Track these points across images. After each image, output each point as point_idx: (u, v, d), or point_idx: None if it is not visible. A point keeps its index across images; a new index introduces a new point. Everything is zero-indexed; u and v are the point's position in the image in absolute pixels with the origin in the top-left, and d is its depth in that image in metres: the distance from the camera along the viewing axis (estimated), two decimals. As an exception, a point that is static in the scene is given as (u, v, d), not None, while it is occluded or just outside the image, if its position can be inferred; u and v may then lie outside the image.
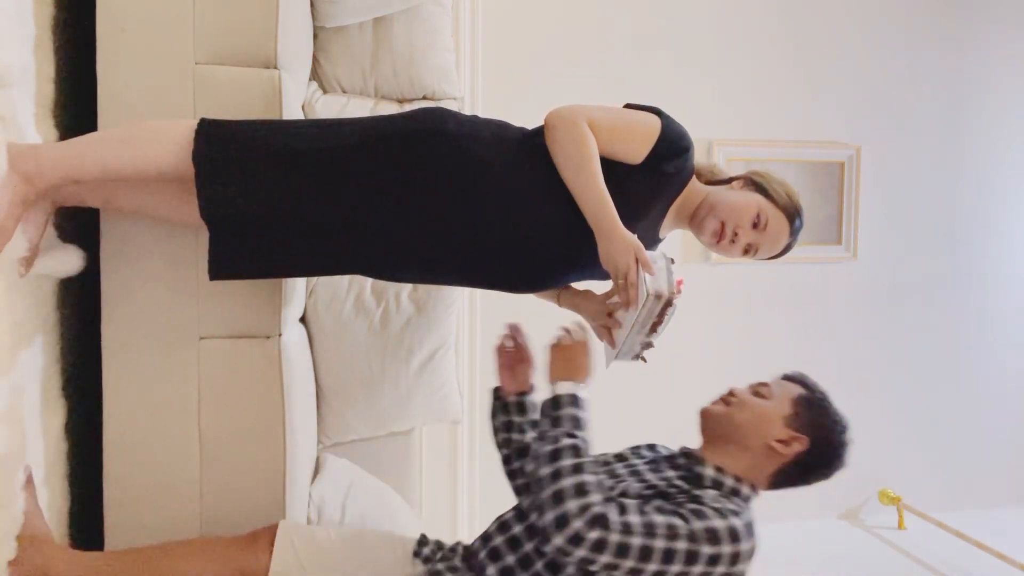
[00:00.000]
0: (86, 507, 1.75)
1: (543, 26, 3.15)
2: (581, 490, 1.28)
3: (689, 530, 1.28)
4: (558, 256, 1.57)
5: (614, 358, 1.61)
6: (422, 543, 1.60)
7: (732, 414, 1.49)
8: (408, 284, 2.22)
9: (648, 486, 1.44)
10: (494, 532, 1.50)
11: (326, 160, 1.45)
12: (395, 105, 2.38)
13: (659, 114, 1.57)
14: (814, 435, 1.45)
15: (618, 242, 1.44)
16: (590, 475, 1.31)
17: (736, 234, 1.58)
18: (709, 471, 1.45)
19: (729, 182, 1.66)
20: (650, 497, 1.40)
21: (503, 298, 1.78)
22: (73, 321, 1.72)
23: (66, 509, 1.68)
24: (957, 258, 3.68)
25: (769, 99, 3.38)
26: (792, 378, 1.55)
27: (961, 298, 3.70)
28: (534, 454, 1.38)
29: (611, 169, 1.51)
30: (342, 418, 2.28)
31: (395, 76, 2.37)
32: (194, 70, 1.64)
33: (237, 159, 1.43)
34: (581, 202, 1.47)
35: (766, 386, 1.52)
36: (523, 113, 1.88)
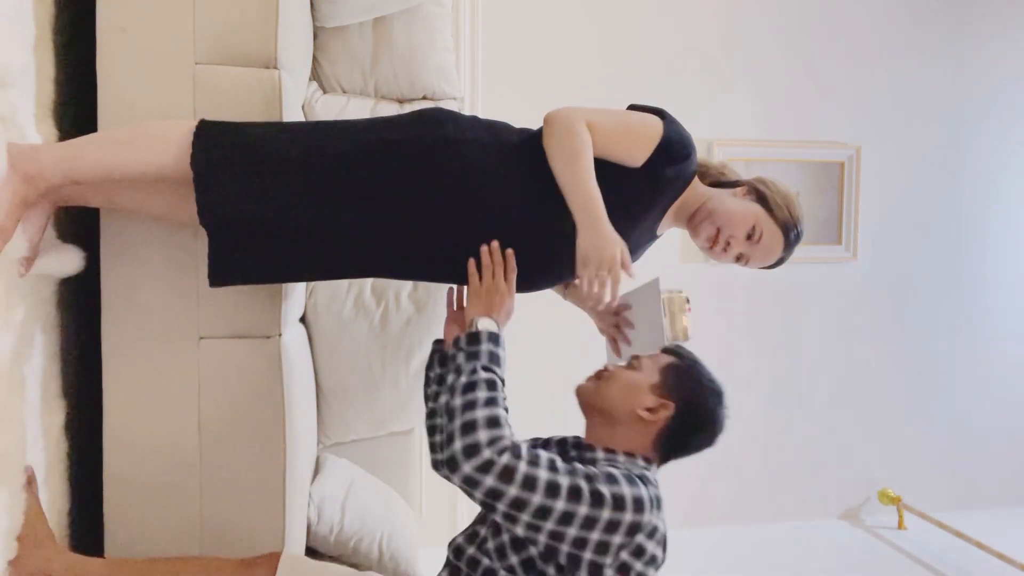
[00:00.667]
0: (86, 507, 1.75)
1: (543, 26, 3.15)
2: (494, 422, 1.27)
3: (595, 487, 1.26)
4: (557, 258, 1.57)
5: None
6: None
7: (600, 388, 1.49)
8: (408, 283, 2.23)
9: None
10: (453, 560, 1.46)
11: (324, 165, 1.44)
12: (395, 105, 2.38)
13: (663, 116, 1.56)
14: (681, 400, 1.44)
15: (605, 236, 1.42)
16: (503, 410, 1.31)
17: (729, 243, 1.58)
18: (600, 455, 1.44)
19: (733, 187, 1.65)
20: None
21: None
22: (73, 321, 1.72)
23: (66, 509, 1.68)
24: (957, 258, 3.68)
25: (769, 99, 3.38)
26: (667, 350, 1.55)
27: (961, 298, 3.70)
28: (449, 386, 1.35)
29: (609, 172, 1.50)
30: (342, 418, 2.29)
31: (395, 76, 2.37)
32: (194, 70, 1.64)
33: (236, 164, 1.42)
34: (568, 194, 1.45)
35: (638, 359, 1.52)
36: (523, 113, 1.88)
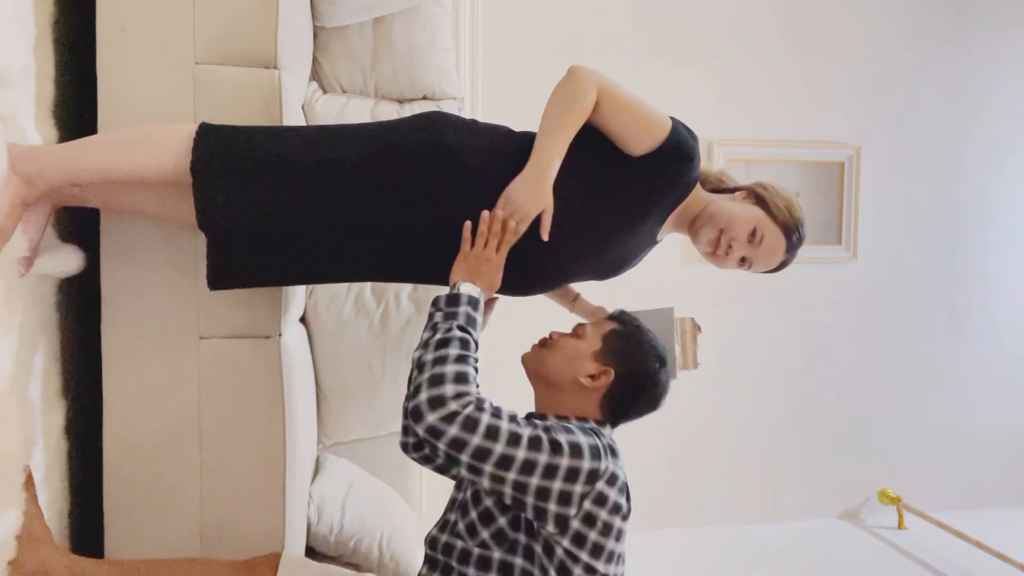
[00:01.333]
0: (86, 507, 1.74)
1: (543, 26, 3.15)
2: (462, 378, 1.28)
3: (553, 436, 1.29)
4: (555, 262, 1.56)
5: None
6: None
7: (544, 355, 1.50)
8: (408, 284, 2.23)
9: None
10: (430, 552, 1.46)
11: (324, 171, 1.44)
12: (395, 105, 2.38)
13: (673, 120, 1.54)
14: (621, 366, 1.46)
15: (540, 191, 1.44)
16: (472, 369, 1.32)
17: (731, 246, 1.58)
18: (552, 422, 1.44)
19: (733, 192, 1.65)
20: None
21: (503, 299, 1.78)
22: (73, 321, 1.72)
23: (66, 509, 1.67)
24: (957, 258, 3.68)
25: (769, 99, 3.38)
26: (611, 316, 1.56)
27: (961, 298, 3.70)
28: (423, 342, 1.37)
29: (612, 160, 1.50)
30: (342, 418, 2.29)
31: (395, 76, 2.37)
32: (194, 70, 1.64)
33: (235, 170, 1.42)
34: (538, 140, 1.46)
35: (583, 327, 1.53)
36: (523, 113, 1.88)
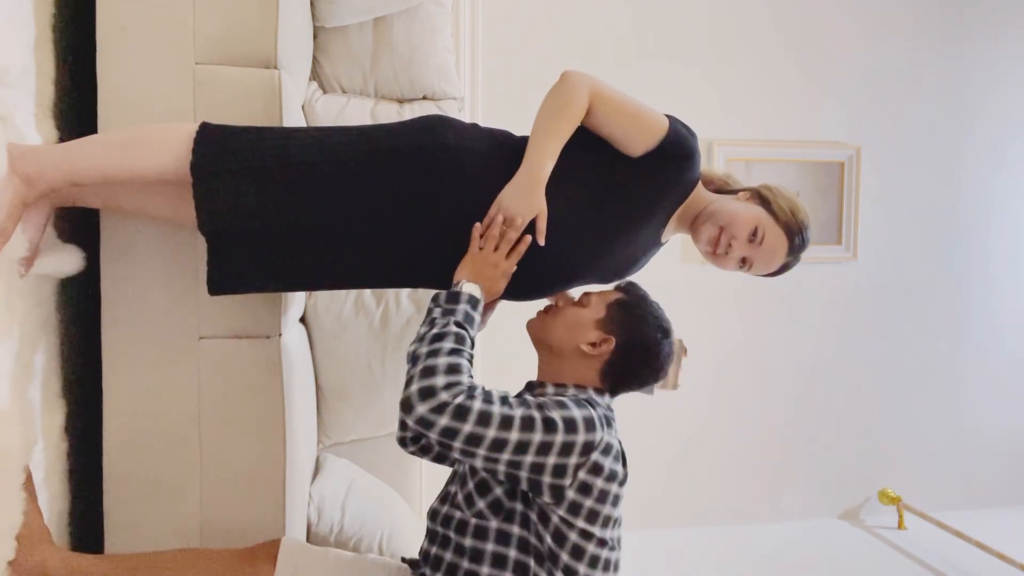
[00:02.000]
0: (86, 507, 1.74)
1: (543, 26, 3.15)
2: (454, 369, 1.30)
3: (546, 415, 1.31)
4: (554, 268, 1.56)
5: None
6: (413, 565, 1.57)
7: (547, 322, 1.53)
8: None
9: None
10: (431, 525, 1.50)
11: (325, 173, 1.44)
12: (395, 105, 2.38)
13: (669, 118, 1.54)
14: (624, 334, 1.47)
15: (533, 196, 1.44)
16: (466, 361, 1.33)
17: (731, 245, 1.56)
18: (550, 390, 1.48)
19: (737, 193, 1.64)
20: None
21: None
22: (73, 321, 1.72)
23: (66, 509, 1.67)
24: (957, 258, 3.68)
25: (769, 99, 3.37)
26: (617, 287, 1.57)
27: (961, 298, 3.70)
28: (419, 336, 1.39)
29: (613, 162, 1.50)
30: (342, 418, 2.28)
31: (395, 76, 2.37)
32: (194, 70, 1.64)
33: (235, 173, 1.41)
34: (530, 146, 1.46)
35: (588, 295, 1.54)
36: (523, 114, 1.87)
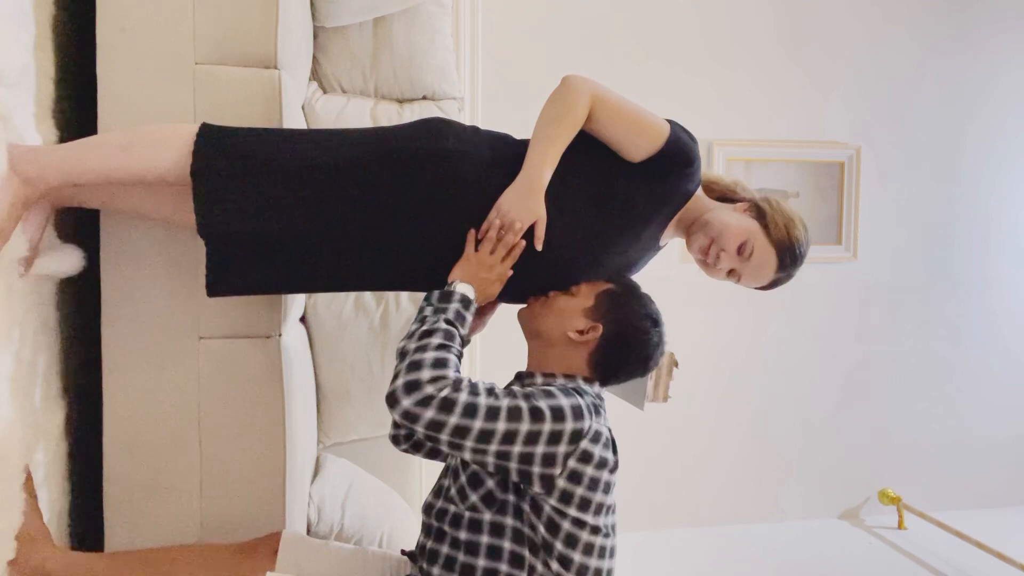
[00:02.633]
0: (86, 507, 1.75)
1: (542, 26, 3.15)
2: (441, 364, 1.31)
3: (533, 404, 1.30)
4: (553, 271, 1.55)
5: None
6: (413, 558, 1.56)
7: (536, 310, 1.53)
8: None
9: None
10: (426, 519, 1.49)
11: (325, 176, 1.43)
12: (395, 105, 2.38)
13: (671, 124, 1.54)
14: (611, 323, 1.47)
15: (533, 201, 1.44)
16: (454, 357, 1.34)
17: (719, 256, 1.56)
18: (539, 380, 1.48)
19: (737, 203, 1.63)
20: None
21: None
22: (73, 321, 1.72)
23: (66, 509, 1.67)
24: (957, 258, 3.68)
25: (769, 99, 3.38)
26: (608, 278, 1.57)
27: (961, 298, 3.70)
28: (409, 332, 1.39)
29: (614, 167, 1.50)
30: (342, 418, 2.29)
31: (395, 76, 2.37)
32: (194, 70, 1.64)
33: (235, 175, 1.41)
34: (530, 151, 1.46)
35: (578, 286, 1.55)
36: (523, 114, 1.88)
